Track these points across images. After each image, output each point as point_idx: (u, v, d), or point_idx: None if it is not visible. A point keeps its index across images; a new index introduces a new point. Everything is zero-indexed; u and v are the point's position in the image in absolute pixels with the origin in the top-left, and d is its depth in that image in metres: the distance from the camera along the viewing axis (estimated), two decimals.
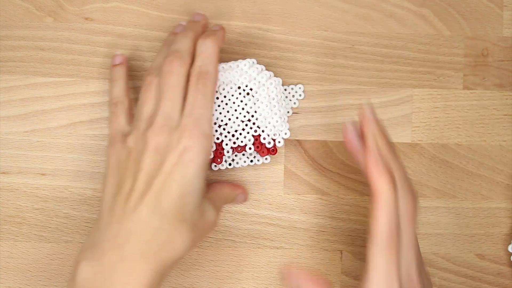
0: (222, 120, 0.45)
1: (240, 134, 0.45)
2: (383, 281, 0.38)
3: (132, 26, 0.49)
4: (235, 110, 0.45)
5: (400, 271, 0.38)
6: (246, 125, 0.45)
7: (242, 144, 0.45)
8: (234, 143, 0.45)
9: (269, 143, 0.45)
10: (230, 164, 0.46)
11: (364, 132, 0.41)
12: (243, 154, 0.47)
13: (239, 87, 0.45)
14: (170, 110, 0.41)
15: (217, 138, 0.45)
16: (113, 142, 0.43)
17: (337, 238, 0.49)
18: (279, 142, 0.45)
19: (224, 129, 0.45)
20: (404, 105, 0.49)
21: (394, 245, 0.38)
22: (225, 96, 0.45)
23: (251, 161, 0.47)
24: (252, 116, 0.45)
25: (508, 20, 0.50)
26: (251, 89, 0.45)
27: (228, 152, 0.45)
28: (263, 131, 0.45)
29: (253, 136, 0.45)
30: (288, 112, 0.48)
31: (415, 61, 0.49)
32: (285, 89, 0.48)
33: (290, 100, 0.48)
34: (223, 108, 0.45)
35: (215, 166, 0.46)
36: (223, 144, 0.45)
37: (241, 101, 0.45)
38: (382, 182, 0.38)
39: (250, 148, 0.45)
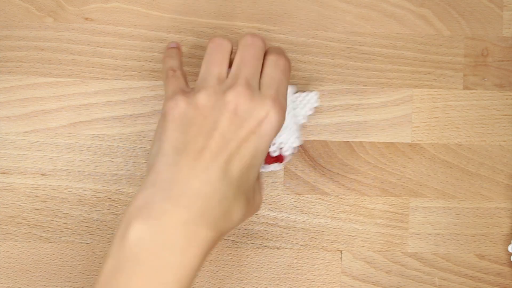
0: None
1: None
2: None
3: (132, 26, 0.49)
4: None
5: None
6: None
7: None
8: None
9: (274, 151, 0.45)
10: None
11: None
12: None
13: None
14: (251, 77, 0.40)
15: None
16: (174, 96, 0.40)
17: (337, 238, 0.49)
18: (286, 151, 0.45)
19: None
20: (404, 105, 0.49)
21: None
22: None
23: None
24: None
25: (508, 20, 0.50)
26: None
27: None
28: None
29: None
30: (302, 119, 0.47)
31: (415, 61, 0.49)
32: (299, 95, 0.47)
33: (304, 106, 0.47)
34: None
35: None
36: None
37: None
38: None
39: None
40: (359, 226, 0.49)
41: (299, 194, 0.49)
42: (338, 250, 0.49)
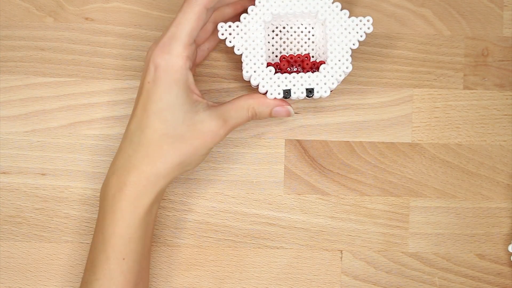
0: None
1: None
2: None
3: (132, 26, 0.49)
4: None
5: None
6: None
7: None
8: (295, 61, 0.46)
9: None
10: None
11: None
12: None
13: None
14: None
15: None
16: None
17: (337, 238, 0.49)
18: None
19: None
20: (404, 105, 0.49)
21: None
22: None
23: (310, 92, 0.44)
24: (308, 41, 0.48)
25: (508, 20, 0.50)
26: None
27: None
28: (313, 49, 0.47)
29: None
30: (354, 44, 0.45)
31: (415, 61, 0.49)
32: (353, 20, 0.45)
33: (357, 32, 0.44)
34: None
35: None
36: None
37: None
38: None
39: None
40: (359, 226, 0.49)
41: (299, 194, 0.49)
42: (338, 250, 0.49)
